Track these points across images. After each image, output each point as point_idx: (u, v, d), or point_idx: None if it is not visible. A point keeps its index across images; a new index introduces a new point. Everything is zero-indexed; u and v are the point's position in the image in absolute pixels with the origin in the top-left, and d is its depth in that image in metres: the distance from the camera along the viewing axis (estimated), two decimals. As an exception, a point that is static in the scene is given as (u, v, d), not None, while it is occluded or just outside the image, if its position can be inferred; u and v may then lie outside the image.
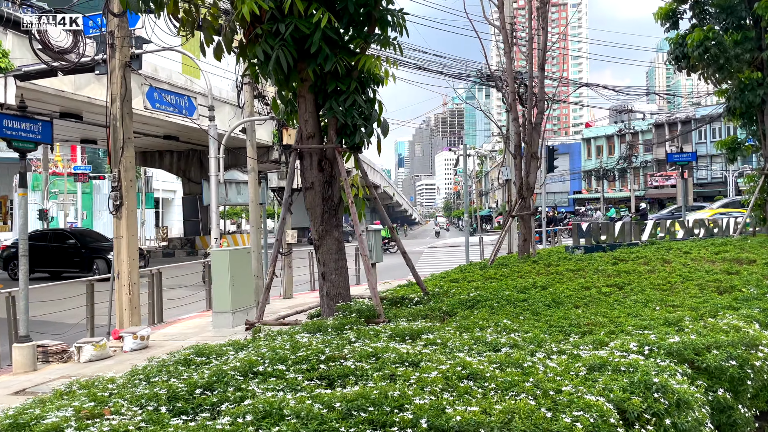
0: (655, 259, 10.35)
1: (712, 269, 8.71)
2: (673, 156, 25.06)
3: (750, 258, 9.69)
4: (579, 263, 10.31)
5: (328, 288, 6.93)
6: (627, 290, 7.29)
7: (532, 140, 12.92)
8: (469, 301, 6.69)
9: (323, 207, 6.93)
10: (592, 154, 67.33)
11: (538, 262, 11.23)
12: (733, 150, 15.06)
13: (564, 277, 8.87)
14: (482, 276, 9.80)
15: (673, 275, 8.24)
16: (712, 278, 7.84)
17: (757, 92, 13.85)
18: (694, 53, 13.91)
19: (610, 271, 9.00)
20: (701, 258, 10.27)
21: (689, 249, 11.58)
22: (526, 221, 12.86)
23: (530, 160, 12.88)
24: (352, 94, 6.70)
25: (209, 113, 13.72)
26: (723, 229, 15.71)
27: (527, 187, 12.85)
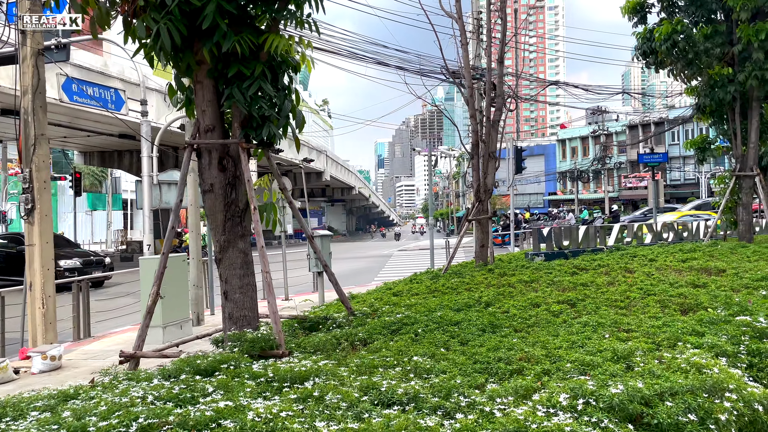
0: (617, 268, 9.50)
1: (678, 281, 7.85)
2: (644, 157, 24.47)
3: (719, 267, 8.87)
4: (535, 273, 9.40)
5: (230, 309, 5.89)
6: (580, 308, 6.37)
7: (490, 138, 12.01)
8: (395, 324, 5.71)
9: (225, 213, 5.88)
10: (567, 156, 67.04)
11: (493, 270, 10.31)
12: (703, 150, 14.33)
13: (515, 290, 7.94)
14: (428, 288, 8.84)
15: (634, 288, 7.36)
16: (676, 292, 6.97)
17: (728, 89, 13.11)
18: (662, 47, 13.14)
19: (566, 282, 8.09)
20: (667, 267, 9.44)
21: (656, 256, 10.77)
22: (483, 226, 11.94)
23: (488, 160, 11.96)
24: (257, 80, 5.67)
25: (141, 107, 12.55)
26: (693, 233, 14.99)
27: (484, 189, 11.93)
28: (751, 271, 8.56)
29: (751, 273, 8.18)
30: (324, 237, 12.09)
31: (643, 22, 14.38)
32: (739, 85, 13.05)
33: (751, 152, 13.36)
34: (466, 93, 12.26)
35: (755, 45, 12.55)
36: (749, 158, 13.38)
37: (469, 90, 12.19)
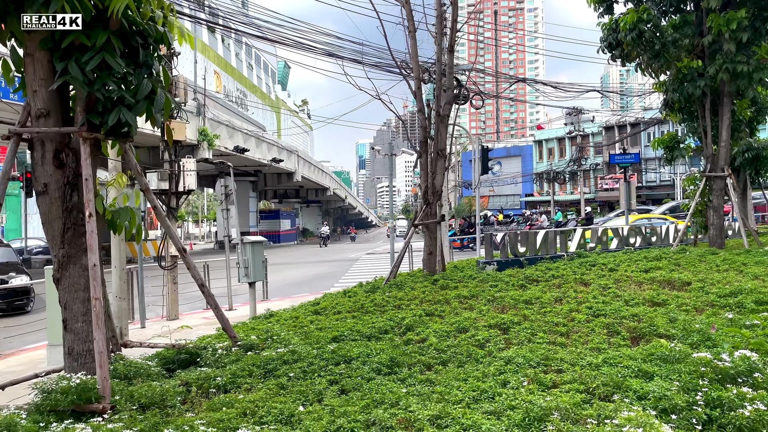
0: (572, 280, 8.44)
1: (635, 297, 6.80)
2: (616, 157, 23.58)
3: (684, 279, 7.84)
4: (479, 286, 8.31)
5: (71, 343, 4.67)
6: (512, 335, 5.27)
7: (439, 134, 10.91)
8: (274, 361, 4.54)
9: (65, 221, 4.67)
10: (543, 157, 66.45)
11: (437, 282, 9.21)
12: (672, 149, 13.38)
13: (448, 308, 6.83)
14: (356, 305, 7.69)
15: (583, 307, 6.28)
16: (630, 313, 5.90)
17: (698, 83, 12.17)
18: (627, 38, 12.15)
19: (509, 299, 6.99)
20: (627, 278, 8.40)
21: (617, 264, 9.75)
22: (431, 231, 10.82)
23: (437, 158, 10.85)
24: (101, 52, 4.47)
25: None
26: (662, 238, 14.06)
27: (432, 191, 10.82)
28: (719, 284, 7.57)
29: (719, 287, 7.16)
30: (256, 244, 10.88)
31: (609, 12, 13.39)
32: (710, 80, 12.12)
33: (722, 151, 12.44)
34: (413, 85, 11.14)
35: (726, 35, 11.63)
36: (720, 158, 12.46)
37: (416, 82, 11.06)
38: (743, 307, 6.02)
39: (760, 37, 11.88)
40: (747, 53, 11.88)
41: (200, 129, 32.55)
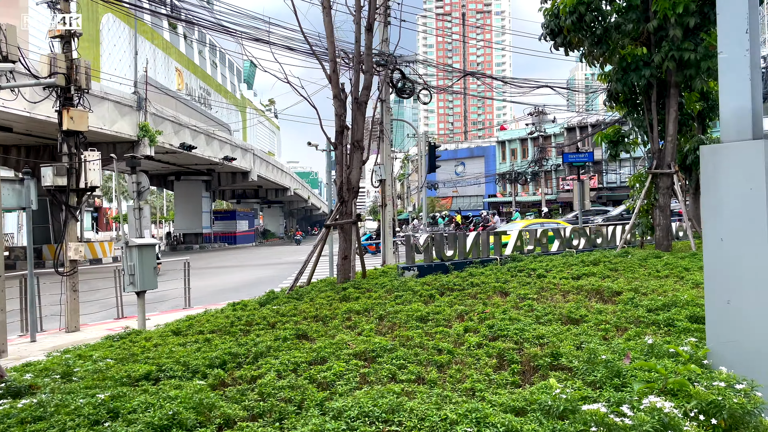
0: (491, 289, 7.32)
1: (551, 312, 5.68)
2: (569, 156, 22.81)
3: (615, 289, 6.78)
4: (383, 297, 7.14)
5: None
6: (375, 368, 4.07)
7: (357, 124, 9.70)
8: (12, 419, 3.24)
9: None
10: (506, 157, 66.03)
11: (346, 290, 8.01)
12: (616, 144, 12.44)
13: (328, 327, 5.62)
14: (229, 320, 6.41)
15: (484, 326, 5.14)
16: (536, 334, 4.78)
17: (642, 72, 11.22)
18: (567, 21, 11.16)
19: (404, 315, 5.82)
20: (553, 287, 7.32)
21: (549, 270, 8.70)
22: (346, 233, 9.60)
23: (353, 150, 9.65)
24: None
25: None
26: (608, 240, 13.12)
27: (348, 187, 9.60)
28: (653, 293, 6.53)
29: (652, 297, 6.11)
30: (144, 247, 9.49)
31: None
32: (655, 69, 11.19)
33: (668, 147, 11.53)
34: (328, 68, 9.89)
35: (672, 20, 10.69)
36: (666, 154, 11.55)
37: (331, 64, 9.83)
38: (673, 326, 4.95)
39: (708, 22, 11.00)
40: (695, 40, 10.99)
41: (141, 124, 30.77)
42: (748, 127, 3.73)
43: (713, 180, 3.86)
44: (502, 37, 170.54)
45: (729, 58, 3.85)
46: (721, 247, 3.81)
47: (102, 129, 27.96)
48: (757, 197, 3.64)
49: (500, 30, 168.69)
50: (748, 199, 3.68)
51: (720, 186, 3.82)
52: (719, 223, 3.82)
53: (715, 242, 3.84)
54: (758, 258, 3.63)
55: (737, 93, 3.79)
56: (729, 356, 3.73)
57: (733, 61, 3.82)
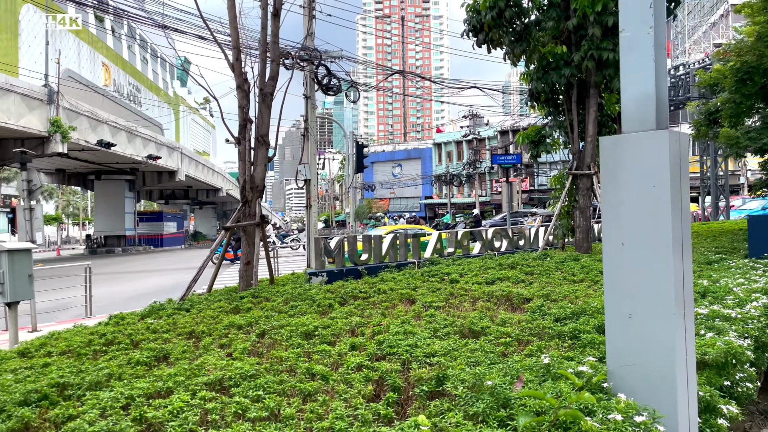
0: (398, 296, 6.75)
1: (452, 323, 5.14)
2: (498, 158, 22.73)
3: (525, 295, 6.35)
4: (277, 308, 6.43)
5: None
6: (224, 401, 3.36)
7: (262, 117, 8.93)
8: None
9: None
10: (443, 159, 66.45)
11: (243, 299, 7.25)
12: (537, 144, 12.20)
13: (192, 349, 4.87)
14: (84, 342, 5.52)
15: (373, 343, 4.53)
16: (427, 351, 4.21)
17: (563, 72, 11.00)
18: (487, 17, 10.80)
19: (290, 329, 5.13)
20: (464, 293, 6.82)
21: (463, 274, 8.23)
22: (250, 236, 8.82)
23: (258, 146, 8.88)
24: None
25: None
26: (531, 241, 12.89)
27: (251, 186, 8.82)
28: (566, 299, 6.14)
29: (562, 305, 5.69)
30: (17, 252, 8.37)
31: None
32: (575, 68, 11.00)
33: (588, 147, 11.37)
34: (231, 56, 9.07)
35: (591, 19, 10.50)
36: (586, 154, 11.38)
37: (234, 51, 9.01)
38: (578, 339, 4.50)
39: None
40: (614, 40, 10.84)
41: (52, 119, 28.67)
42: (651, 116, 3.27)
43: (613, 176, 3.38)
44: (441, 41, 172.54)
45: (631, 37, 3.38)
46: (622, 253, 3.33)
47: (6, 124, 25.82)
48: (661, 196, 3.18)
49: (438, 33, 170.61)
50: (652, 197, 3.21)
51: (620, 183, 3.34)
52: (620, 226, 3.35)
53: (615, 247, 3.36)
54: (662, 266, 3.17)
55: (640, 76, 3.32)
56: (630, 379, 3.25)
57: (635, 40, 3.35)
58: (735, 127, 13.10)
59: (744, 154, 15.91)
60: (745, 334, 5.02)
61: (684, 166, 3.30)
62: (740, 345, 4.55)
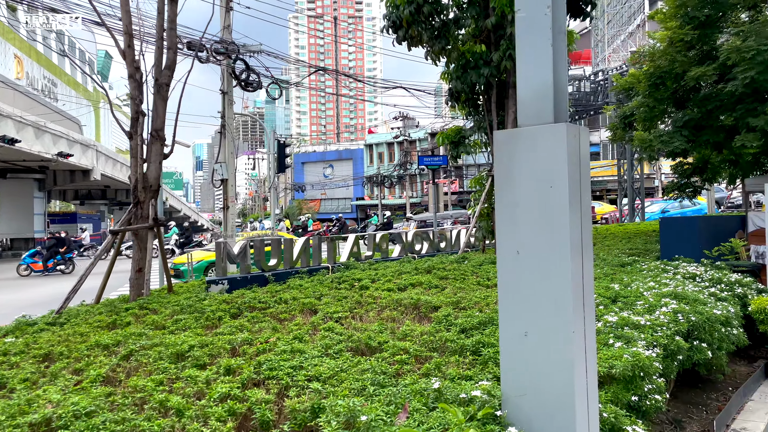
0: (299, 306, 6.20)
1: (350, 336, 4.65)
2: (424, 159, 22.55)
3: (434, 303, 5.95)
4: (160, 322, 5.73)
5: None
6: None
7: (156, 110, 8.14)
8: None
9: None
10: (374, 160, 66.23)
11: (129, 311, 6.49)
12: (457, 145, 11.96)
13: (37, 377, 4.14)
14: None
15: (250, 366, 3.97)
16: (311, 374, 3.70)
17: (482, 71, 10.78)
18: (405, 12, 10.43)
19: (160, 349, 4.48)
20: (372, 301, 6.36)
21: (376, 279, 7.78)
22: (141, 240, 8.00)
23: (152, 141, 8.08)
24: None
25: None
26: (452, 243, 12.63)
27: (144, 185, 8.01)
28: (475, 306, 5.79)
29: (470, 314, 5.32)
30: None
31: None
32: (495, 68, 10.80)
33: (508, 148, 11.20)
34: (122, 42, 8.22)
35: (510, 17, 10.34)
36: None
37: (126, 37, 8.17)
38: (480, 354, 4.11)
39: (544, 23, 10.80)
40: (532, 41, 10.72)
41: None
42: (548, 107, 2.89)
43: (508, 175, 2.98)
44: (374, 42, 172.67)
45: (527, 18, 3.00)
46: (518, 262, 2.94)
47: None
48: (558, 197, 2.80)
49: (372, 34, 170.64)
50: (549, 199, 2.84)
51: (516, 182, 2.95)
52: (516, 231, 2.95)
53: (510, 255, 2.96)
54: (560, 277, 2.79)
55: (537, 62, 2.94)
56: (526, 406, 2.86)
57: (532, 21, 2.97)
58: (649, 130, 13.35)
59: (657, 157, 16.37)
60: (654, 343, 4.82)
61: (584, 164, 2.95)
62: (648, 356, 4.31)
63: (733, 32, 10.76)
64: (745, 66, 9.73)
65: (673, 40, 12.00)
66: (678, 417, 5.46)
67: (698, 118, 11.70)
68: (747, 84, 9.84)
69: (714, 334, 5.68)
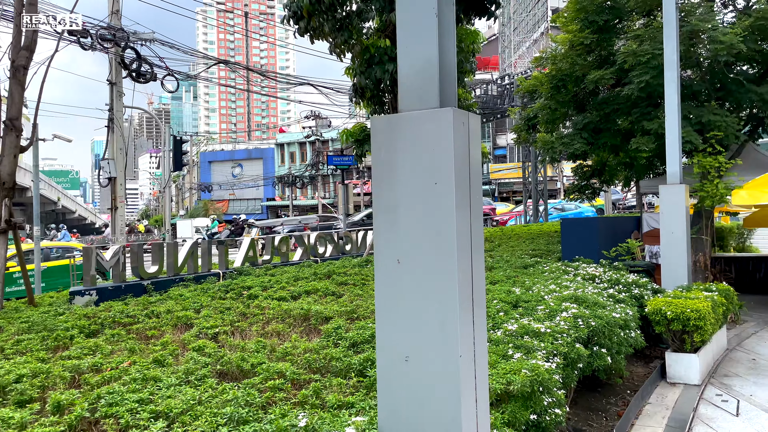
0: (173, 320, 5.47)
1: (220, 357, 4.02)
2: (334, 159, 22.01)
3: (326, 314, 5.43)
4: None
5: None
6: None
7: (12, 97, 7.06)
8: None
9: None
10: (285, 160, 64.82)
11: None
12: (362, 143, 11.52)
13: None
14: None
15: (88, 399, 3.25)
16: (160, 409, 3.07)
17: (387, 67, 10.38)
18: (305, 1, 9.85)
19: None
20: (259, 312, 5.75)
21: (268, 287, 7.13)
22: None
23: (6, 132, 7.00)
24: None
25: None
26: (358, 246, 12.17)
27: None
28: (371, 316, 5.32)
29: (362, 325, 4.84)
30: None
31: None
32: (399, 64, 10.43)
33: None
34: None
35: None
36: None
37: None
38: (366, 376, 3.62)
39: (449, 20, 10.58)
40: (437, 38, 10.47)
41: None
42: (433, 89, 2.43)
43: (387, 169, 2.50)
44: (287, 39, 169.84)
45: (408, -17, 2.53)
46: (398, 274, 2.46)
47: None
48: (444, 196, 2.35)
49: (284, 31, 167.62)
50: (434, 198, 2.38)
51: (396, 179, 2.47)
52: (396, 236, 2.47)
53: (389, 265, 2.48)
54: (447, 291, 2.34)
55: (420, 36, 2.48)
56: (406, 447, 2.38)
57: (413, -13, 2.50)
58: (551, 132, 13.55)
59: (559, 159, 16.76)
60: (555, 351, 4.55)
61: (474, 157, 2.51)
62: (548, 369, 4.00)
63: (629, 36, 11.03)
64: (641, 70, 9.96)
65: (573, 43, 12.18)
66: (578, 426, 5.25)
67: (597, 121, 11.94)
68: (642, 88, 10.07)
69: (613, 338, 5.54)
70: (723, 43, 9.26)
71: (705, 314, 6.33)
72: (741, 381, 6.45)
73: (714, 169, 9.28)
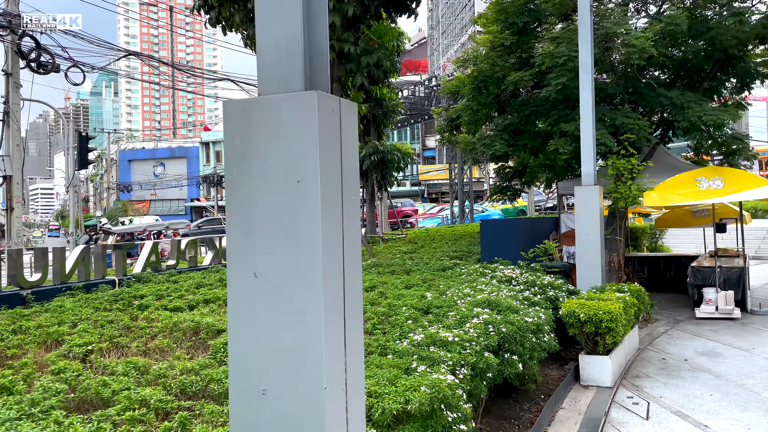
0: (40, 337, 4.81)
1: (76, 384, 3.46)
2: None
3: (218, 327, 4.93)
4: None
5: None
6: None
7: None
8: None
9: None
10: (211, 159, 62.77)
11: None
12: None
13: None
14: None
15: None
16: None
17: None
18: (214, -13, 9.26)
19: None
20: (146, 325, 5.17)
21: (164, 295, 6.52)
22: None
23: None
24: None
25: None
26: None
27: None
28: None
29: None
30: None
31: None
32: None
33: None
34: None
35: (331, 6, 9.61)
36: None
37: None
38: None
39: (368, 15, 10.27)
40: (356, 33, 10.14)
41: None
42: (297, 68, 2.04)
43: (241, 163, 2.08)
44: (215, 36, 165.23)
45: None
46: (255, 291, 2.05)
47: None
48: (308, 197, 1.96)
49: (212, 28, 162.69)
50: (296, 200, 1.98)
51: (252, 175, 2.06)
52: (251, 246, 2.06)
53: (244, 280, 2.07)
54: (311, 312, 1.95)
55: (281, 4, 2.08)
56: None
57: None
58: (473, 133, 13.50)
59: (482, 160, 16.81)
60: (462, 362, 4.27)
61: (348, 151, 2.14)
62: (451, 383, 3.70)
63: (547, 38, 11.08)
64: (558, 72, 9.99)
65: (494, 44, 12.16)
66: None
67: (518, 122, 11.95)
68: (559, 90, 10.11)
69: (525, 344, 5.34)
70: (635, 47, 9.41)
71: (617, 316, 6.28)
72: (651, 382, 6.46)
73: (627, 171, 9.42)
